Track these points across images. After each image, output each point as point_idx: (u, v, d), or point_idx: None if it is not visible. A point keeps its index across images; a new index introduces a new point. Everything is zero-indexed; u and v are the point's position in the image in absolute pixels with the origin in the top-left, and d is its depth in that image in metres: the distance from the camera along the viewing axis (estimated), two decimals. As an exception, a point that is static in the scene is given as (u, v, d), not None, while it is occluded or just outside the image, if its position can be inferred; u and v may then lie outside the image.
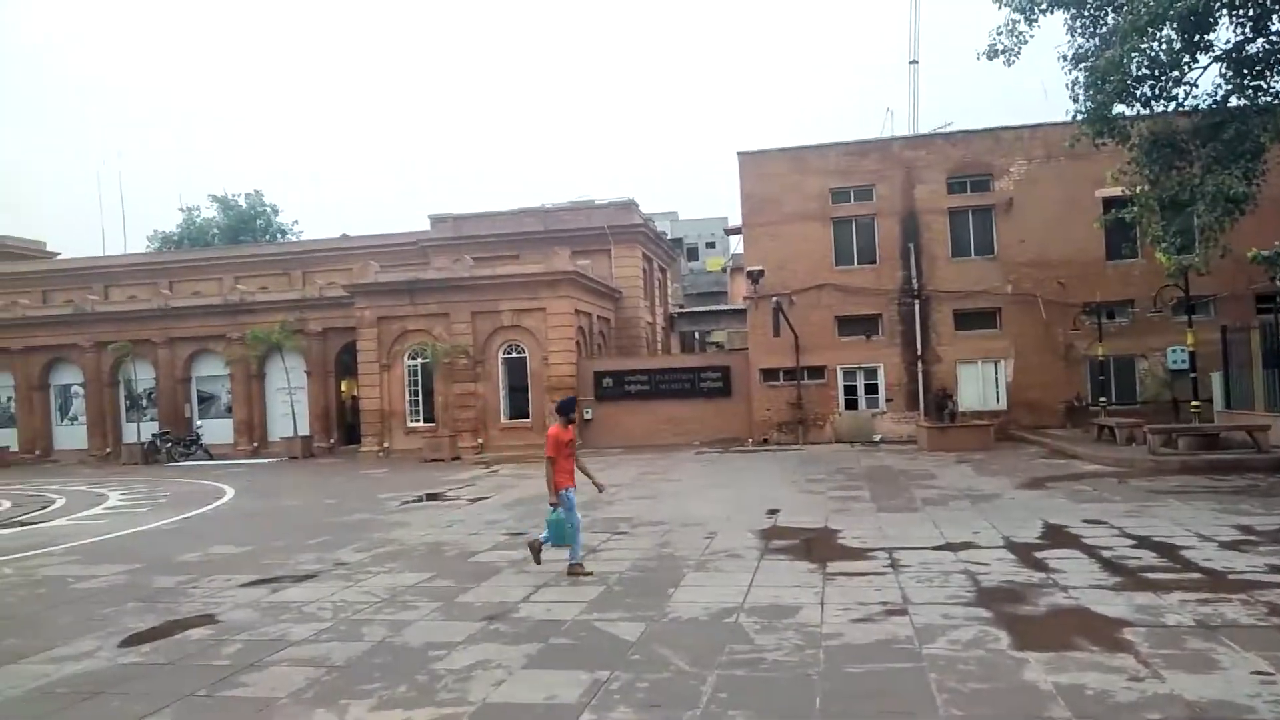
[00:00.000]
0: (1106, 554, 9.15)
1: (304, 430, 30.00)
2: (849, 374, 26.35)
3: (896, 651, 6.20)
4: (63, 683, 6.23)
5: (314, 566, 10.20)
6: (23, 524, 15.48)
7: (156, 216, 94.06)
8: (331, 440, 30.69)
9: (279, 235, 52.33)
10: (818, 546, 10.26)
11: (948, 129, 28.08)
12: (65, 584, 9.87)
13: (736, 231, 37.10)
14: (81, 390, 32.76)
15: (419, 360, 27.87)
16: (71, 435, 32.90)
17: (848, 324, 26.33)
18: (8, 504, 18.69)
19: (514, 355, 27.60)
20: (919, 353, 25.73)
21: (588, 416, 27.61)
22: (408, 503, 16.07)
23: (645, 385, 27.75)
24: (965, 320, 25.75)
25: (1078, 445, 19.83)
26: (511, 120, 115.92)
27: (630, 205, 34.00)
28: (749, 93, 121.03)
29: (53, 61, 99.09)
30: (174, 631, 7.53)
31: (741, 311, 33.86)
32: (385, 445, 27.74)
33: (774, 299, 25.22)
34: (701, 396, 27.42)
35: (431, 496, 16.88)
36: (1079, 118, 16.24)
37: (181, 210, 53.98)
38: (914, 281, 25.84)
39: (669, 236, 44.39)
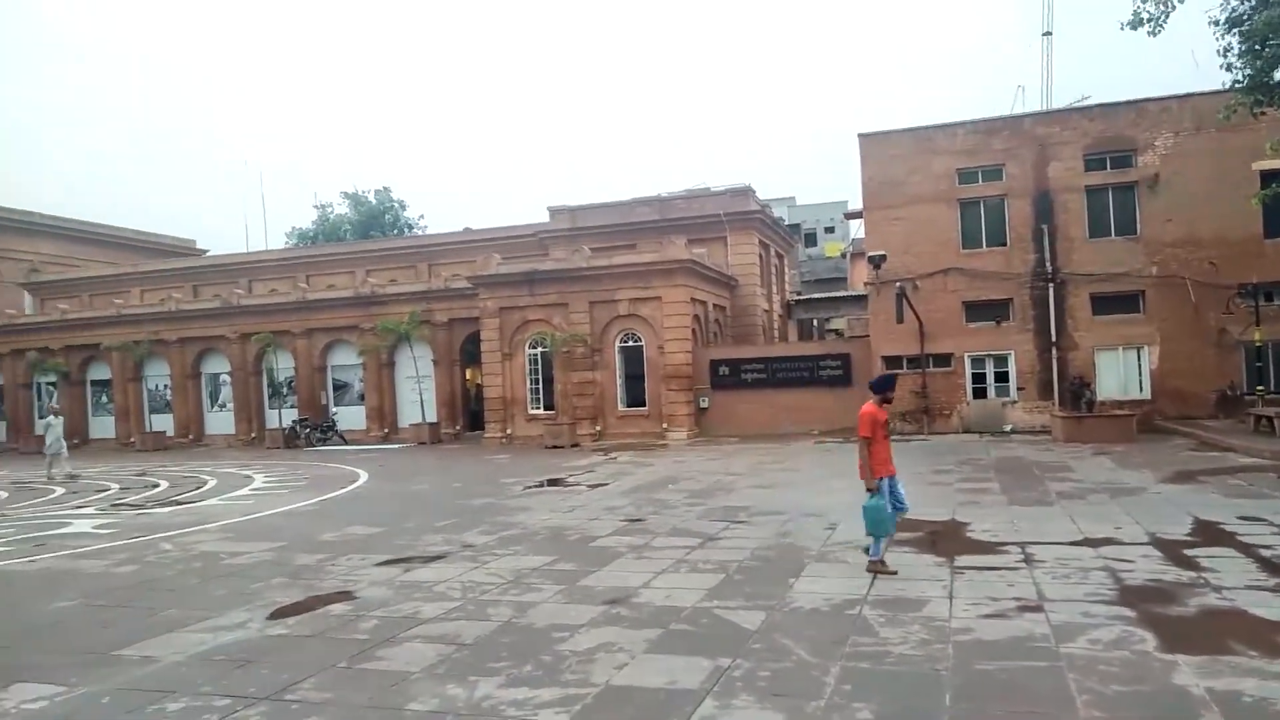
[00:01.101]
0: (1266, 553, 8.51)
1: (431, 417, 31.12)
2: (977, 361, 25.37)
3: (1032, 649, 5.95)
4: (219, 650, 6.67)
5: (443, 548, 10.57)
6: (179, 503, 16.65)
7: (294, 214, 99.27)
8: (457, 427, 31.73)
9: (406, 229, 54.41)
10: (945, 539, 9.94)
11: (1085, 103, 26.57)
12: (218, 559, 10.56)
13: (857, 215, 36.22)
14: (229, 379, 34.94)
15: (539, 349, 28.46)
16: (220, 421, 35.17)
17: (976, 309, 25.33)
18: (166, 484, 20.13)
19: (630, 344, 27.83)
20: (1053, 339, 24.51)
21: (703, 405, 27.59)
22: (529, 488, 16.46)
23: (762, 374, 27.50)
24: (1104, 304, 24.37)
25: (1231, 437, 18.50)
26: (628, 110, 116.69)
27: (746, 191, 33.68)
28: (870, 74, 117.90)
29: (197, 70, 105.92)
30: (316, 606, 7.95)
31: (862, 298, 33.11)
32: (507, 432, 28.47)
33: (897, 284, 24.50)
34: (820, 385, 26.96)
35: (552, 482, 17.23)
36: (1235, 86, 15.07)
37: (316, 208, 56.90)
38: (1047, 264, 24.62)
39: (786, 222, 43.71)
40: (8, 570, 10.53)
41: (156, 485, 19.91)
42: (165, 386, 35.76)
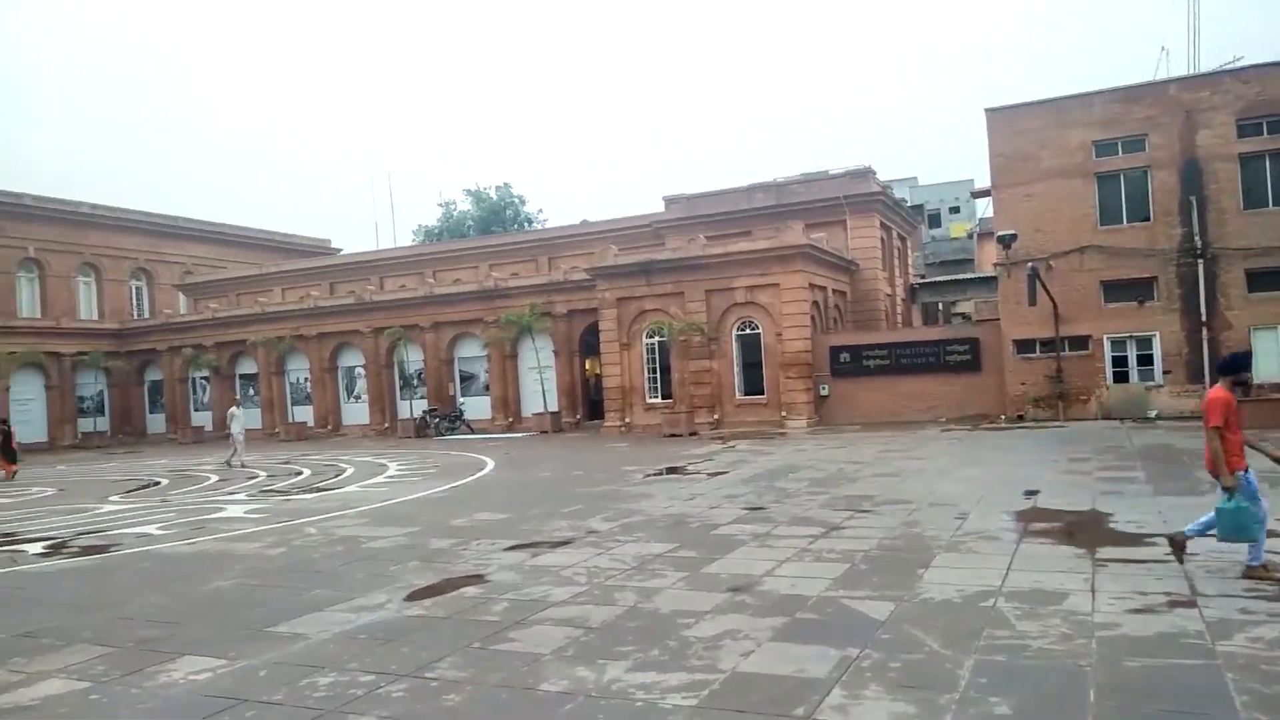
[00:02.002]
0: None
1: (553, 406, 31.80)
2: (1117, 344, 24.03)
3: (1184, 647, 5.61)
4: (362, 629, 7.03)
5: (568, 534, 10.80)
6: (321, 490, 17.59)
7: (421, 212, 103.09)
8: (577, 416, 32.32)
9: (526, 224, 55.66)
10: (1085, 530, 9.47)
11: (1237, 65, 24.65)
12: (358, 543, 11.11)
13: (984, 194, 34.82)
14: (363, 371, 36.66)
15: (656, 338, 28.64)
16: (356, 411, 36.96)
17: (1115, 289, 23.97)
18: (308, 472, 21.30)
19: (748, 332, 27.65)
20: (1203, 319, 22.95)
21: (824, 393, 27.15)
22: (650, 476, 16.60)
23: (885, 360, 26.83)
24: (1262, 280, 22.63)
25: None
26: (743, 96, 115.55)
27: (866, 173, 32.85)
28: (998, 47, 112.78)
29: (330, 78, 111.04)
30: (450, 589, 8.26)
31: (990, 279, 31.83)
32: (626, 421, 28.80)
33: (1029, 264, 23.42)
34: (947, 371, 26.10)
35: (671, 470, 17.32)
36: None
37: (441, 205, 58.89)
38: (1196, 238, 23.04)
39: (908, 203, 42.40)
40: (171, 552, 11.38)
41: (300, 473, 21.09)
42: (305, 379, 37.79)
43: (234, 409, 25.58)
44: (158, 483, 20.54)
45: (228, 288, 44.41)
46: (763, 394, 27.32)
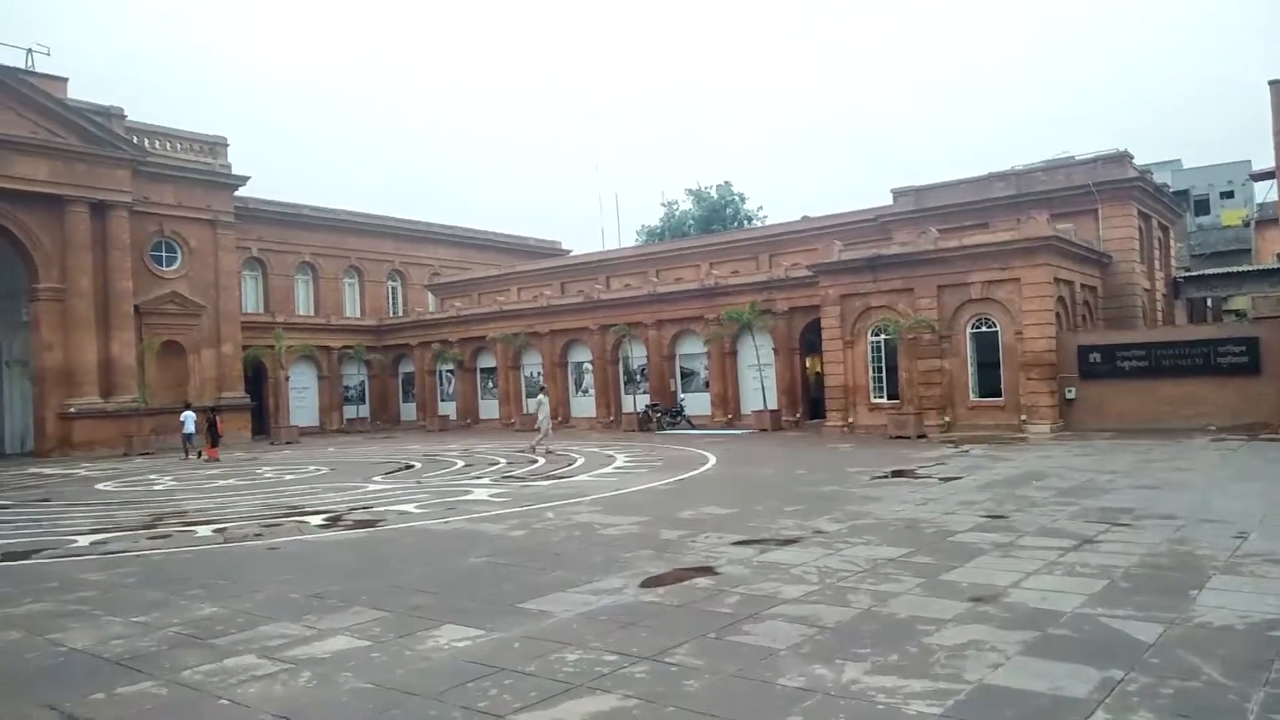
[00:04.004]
0: None
1: (772, 404, 31.64)
2: None
3: None
4: (602, 611, 7.37)
5: (795, 533, 10.73)
6: (555, 478, 18.56)
7: (644, 212, 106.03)
8: (797, 414, 31.98)
9: (746, 221, 55.80)
10: (1403, 560, 8.19)
11: None
12: (593, 530, 11.63)
13: (1265, 176, 30.86)
14: (590, 367, 38.24)
15: (882, 336, 27.74)
16: (583, 405, 38.60)
17: None
18: (542, 461, 22.52)
19: (983, 329, 26.13)
20: None
21: (1070, 396, 25.16)
22: (877, 478, 16.14)
23: (1142, 361, 24.44)
24: None
25: None
26: (970, 81, 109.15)
27: (1121, 157, 30.07)
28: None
29: (560, 86, 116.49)
30: (681, 579, 8.46)
31: (1272, 272, 28.20)
32: (849, 420, 28.12)
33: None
34: (1217, 374, 23.38)
35: (900, 473, 16.74)
36: None
37: (663, 205, 60.29)
38: None
39: (1170, 189, 38.35)
40: (429, 528, 12.45)
41: (535, 461, 22.34)
42: (538, 374, 39.95)
43: (541, 396, 27.22)
44: (412, 466, 22.49)
45: (470, 287, 47.83)
46: (1000, 396, 25.72)
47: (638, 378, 36.43)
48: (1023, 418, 24.72)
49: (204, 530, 13.01)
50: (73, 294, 32.20)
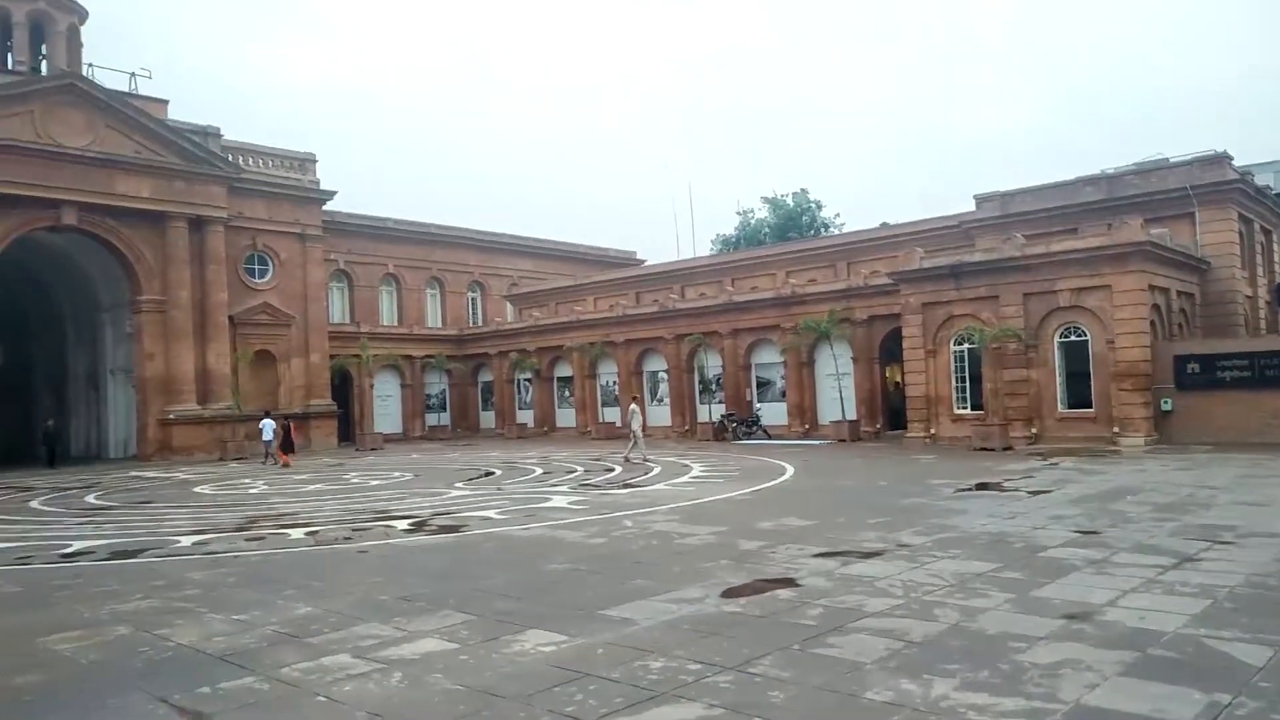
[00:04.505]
0: None
1: (851, 414, 31.20)
2: None
3: None
4: (684, 620, 7.38)
5: (877, 545, 10.57)
6: (632, 486, 18.65)
7: (719, 221, 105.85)
8: (876, 425, 31.47)
9: (823, 229, 55.28)
10: None
11: None
12: (671, 539, 11.66)
13: (1378, 176, 29.16)
14: (665, 376, 38.32)
15: (965, 345, 27.13)
16: (659, 414, 38.63)
17: None
18: (618, 469, 22.64)
19: (1072, 338, 25.32)
20: None
21: (1165, 408, 24.17)
22: (961, 490, 15.77)
23: (1244, 371, 23.32)
24: None
25: None
26: (1054, 84, 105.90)
27: (1220, 159, 28.83)
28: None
29: (636, 98, 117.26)
30: (762, 590, 8.42)
31: (1388, 277, 26.60)
32: (931, 431, 27.55)
33: None
34: (1327, 385, 22.16)
35: (985, 486, 16.32)
36: None
37: (738, 214, 60.17)
38: None
39: (1274, 190, 36.55)
40: (511, 535, 12.66)
41: (611, 470, 22.48)
42: (613, 383, 40.23)
43: (634, 405, 27.48)
44: (492, 473, 22.88)
45: (548, 297, 48.48)
46: (1090, 407, 24.87)
47: (713, 387, 36.35)
48: (1115, 430, 23.86)
49: (296, 533, 13.48)
50: (172, 306, 33.76)
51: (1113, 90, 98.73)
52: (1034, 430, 25.35)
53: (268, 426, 30.12)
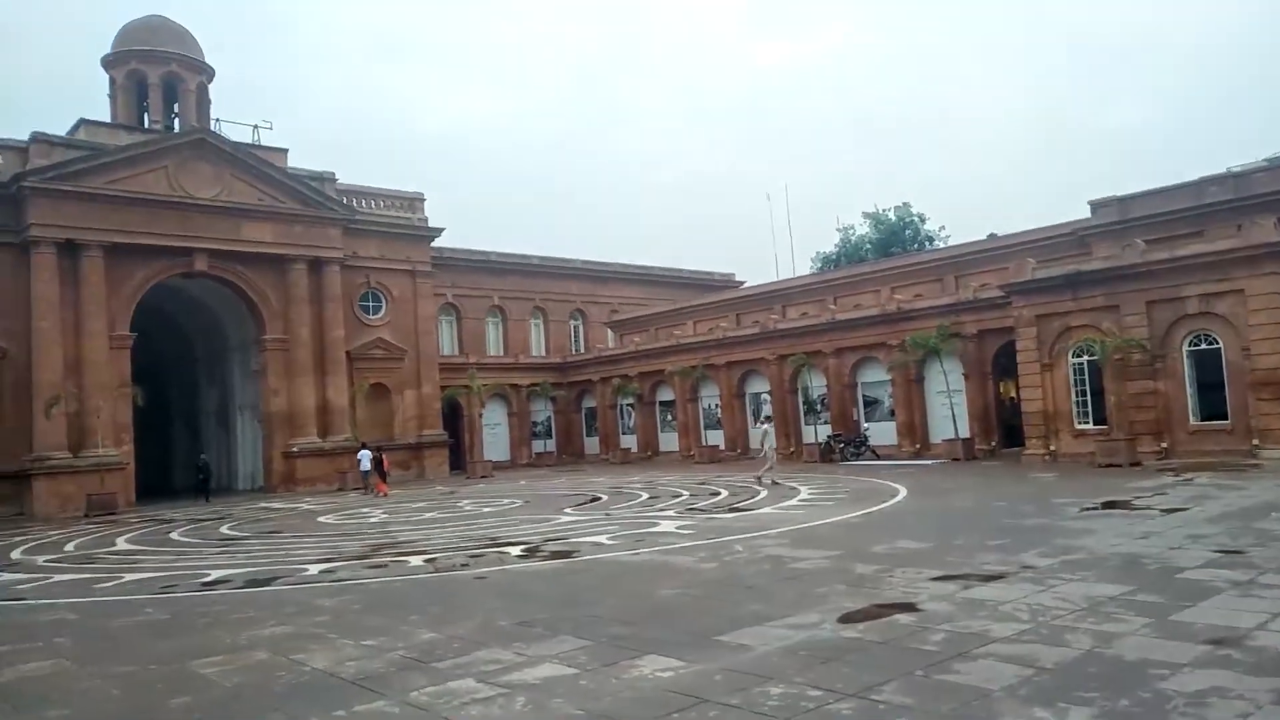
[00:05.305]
0: None
1: (964, 432, 30.23)
2: None
3: None
4: (801, 646, 7.29)
5: (999, 568, 10.20)
6: (739, 510, 18.52)
7: (818, 238, 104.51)
8: (991, 443, 30.38)
9: (927, 243, 53.99)
10: None
11: None
12: (783, 563, 11.53)
13: None
14: (768, 397, 37.99)
15: (1085, 357, 25.97)
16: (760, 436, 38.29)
17: None
18: (724, 493, 22.52)
19: (1203, 347, 23.92)
20: None
21: (1311, 417, 22.51)
22: (1087, 510, 15.06)
23: (1400, 376, 21.56)
24: None
25: None
26: (1177, 84, 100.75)
27: (1360, 149, 26.87)
28: None
29: (732, 118, 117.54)
30: (881, 615, 8.24)
31: None
32: (1050, 448, 26.41)
33: None
34: None
35: (1113, 504, 15.53)
36: None
37: (838, 230, 59.40)
38: None
39: None
40: (621, 560, 12.76)
41: (718, 493, 22.40)
42: (715, 405, 40.15)
43: (765, 425, 27.31)
44: (599, 498, 23.11)
45: (647, 323, 48.87)
46: (1226, 419, 23.39)
47: (818, 407, 35.82)
48: (1255, 442, 22.37)
49: (415, 560, 13.92)
50: (294, 343, 35.56)
51: (1232, 87, 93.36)
52: (1163, 445, 24.00)
53: (365, 457, 31.39)
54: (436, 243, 42.19)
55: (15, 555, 18.09)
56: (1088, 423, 26.02)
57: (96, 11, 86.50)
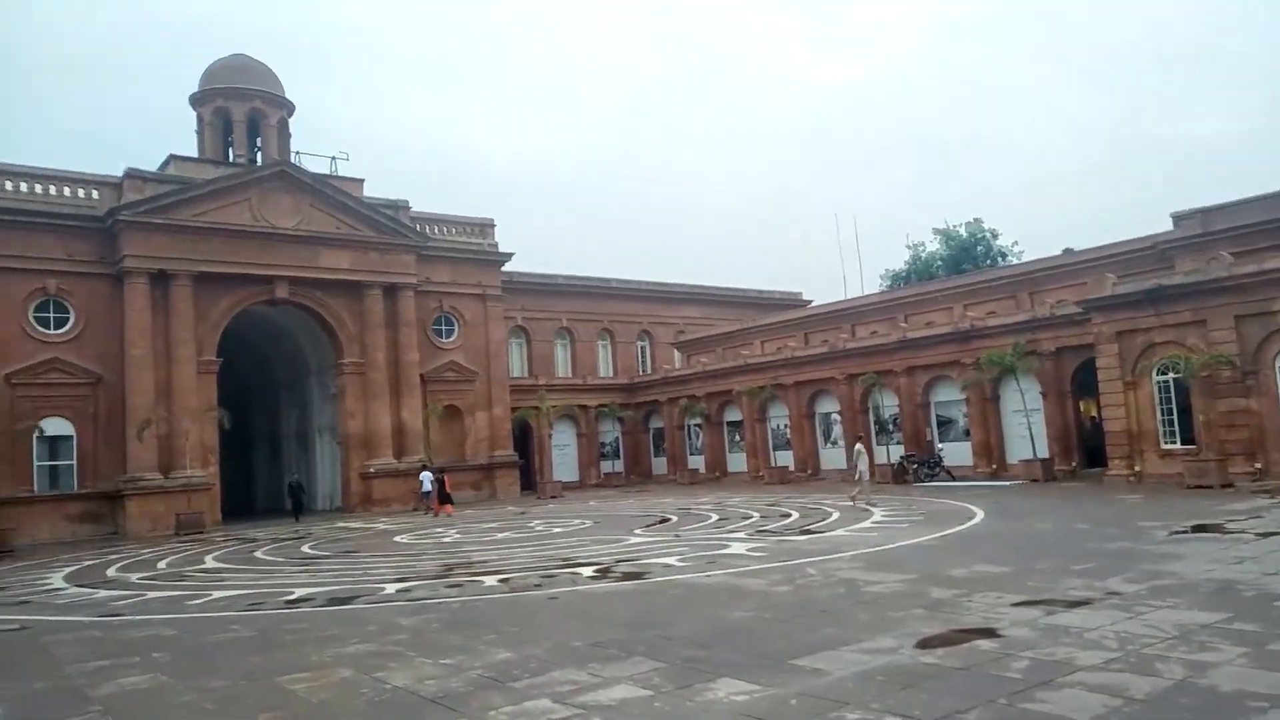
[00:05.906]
0: None
1: (1042, 453, 29.39)
2: None
3: None
4: (878, 671, 7.20)
5: (1083, 593, 9.91)
6: (811, 532, 18.32)
7: (887, 256, 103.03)
8: (1072, 463, 29.46)
9: (999, 259, 52.82)
10: None
11: None
12: (857, 586, 11.38)
13: None
14: (838, 417, 37.53)
15: (1170, 375, 25.07)
16: (832, 456, 37.83)
17: None
18: (796, 514, 22.29)
19: (1298, 362, 22.89)
20: None
21: None
22: (1176, 533, 14.52)
23: None
24: None
25: None
26: (1258, 93, 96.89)
27: None
28: None
29: (799, 139, 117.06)
30: (960, 640, 8.08)
31: None
32: (1135, 469, 25.50)
33: None
34: None
35: (1204, 528, 14.94)
36: None
37: (908, 248, 58.50)
38: None
39: None
40: (691, 582, 12.75)
41: (788, 515, 22.18)
42: (785, 426, 39.80)
43: (859, 446, 27.08)
44: (668, 519, 23.10)
45: (714, 343, 48.78)
46: (1325, 438, 22.33)
47: (890, 427, 35.24)
48: (1358, 463, 21.26)
49: (490, 580, 14.13)
50: (370, 367, 36.51)
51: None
52: (1258, 465, 22.98)
53: (426, 478, 31.95)
54: (506, 266, 42.92)
55: (110, 573, 18.91)
56: (1174, 442, 25.08)
57: (184, 52, 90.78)
